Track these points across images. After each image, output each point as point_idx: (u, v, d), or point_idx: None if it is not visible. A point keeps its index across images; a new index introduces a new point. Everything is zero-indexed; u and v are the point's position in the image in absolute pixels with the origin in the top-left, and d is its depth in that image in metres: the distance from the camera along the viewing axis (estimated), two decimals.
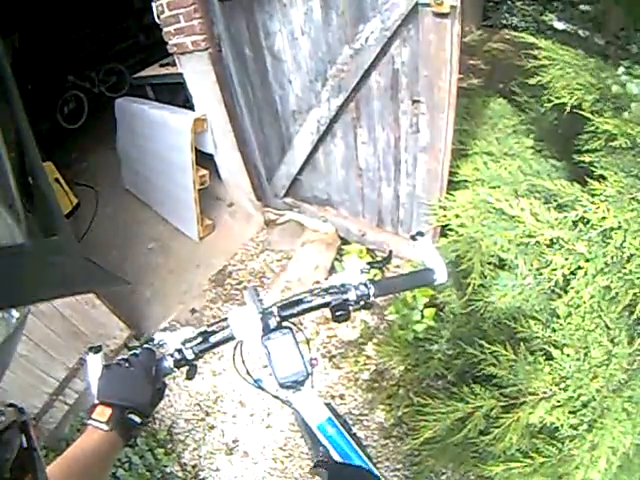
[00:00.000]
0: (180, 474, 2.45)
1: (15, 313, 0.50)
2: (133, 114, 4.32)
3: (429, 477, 2.08)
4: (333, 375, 2.63)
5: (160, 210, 4.35)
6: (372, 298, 1.07)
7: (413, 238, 1.16)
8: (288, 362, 1.07)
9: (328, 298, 1.07)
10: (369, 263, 1.12)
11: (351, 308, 1.06)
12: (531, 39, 1.89)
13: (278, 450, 2.42)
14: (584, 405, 1.39)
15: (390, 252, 1.25)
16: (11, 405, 0.58)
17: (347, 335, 2.82)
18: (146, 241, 4.10)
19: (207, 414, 2.67)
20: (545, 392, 1.44)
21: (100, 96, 7.34)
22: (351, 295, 1.06)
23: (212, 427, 2.60)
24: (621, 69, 1.74)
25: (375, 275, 1.11)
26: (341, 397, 2.52)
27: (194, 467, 2.46)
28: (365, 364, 2.63)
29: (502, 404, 1.54)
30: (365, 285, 1.07)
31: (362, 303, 1.07)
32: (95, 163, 5.88)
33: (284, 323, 1.09)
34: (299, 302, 1.09)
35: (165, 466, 2.46)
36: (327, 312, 2.38)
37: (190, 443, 2.56)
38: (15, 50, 6.44)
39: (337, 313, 1.05)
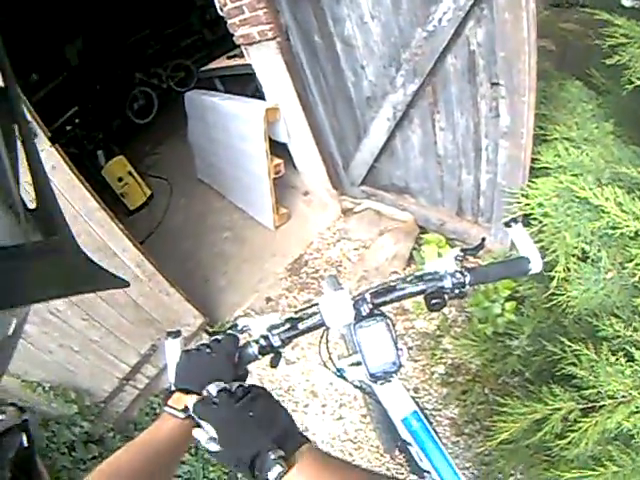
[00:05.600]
0: None
1: (12, 315, 0.50)
2: (204, 106, 4.42)
3: (498, 479, 2.00)
4: (408, 367, 2.57)
5: (235, 200, 4.41)
6: (467, 286, 1.01)
7: (507, 225, 1.10)
8: (381, 352, 1.03)
9: (422, 286, 1.02)
10: (463, 250, 1.07)
11: (446, 296, 1.01)
12: (606, 16, 1.77)
13: (348, 442, 2.40)
14: None
15: (483, 239, 1.19)
16: (12, 404, 0.58)
17: (424, 327, 2.76)
18: (220, 230, 4.16)
19: None
20: (624, 396, 1.34)
21: (169, 91, 7.66)
22: (447, 283, 1.00)
23: None
24: None
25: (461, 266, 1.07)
26: (415, 391, 2.46)
27: None
28: (441, 357, 2.56)
29: (581, 407, 1.46)
30: (461, 273, 1.01)
31: (457, 291, 1.01)
32: (167, 155, 6.09)
33: (376, 311, 1.05)
34: (392, 289, 1.05)
35: None
36: (405, 302, 2.30)
37: None
38: (80, 53, 6.76)
39: (432, 302, 1.00)
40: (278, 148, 3.69)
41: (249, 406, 0.73)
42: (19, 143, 0.54)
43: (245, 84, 4.33)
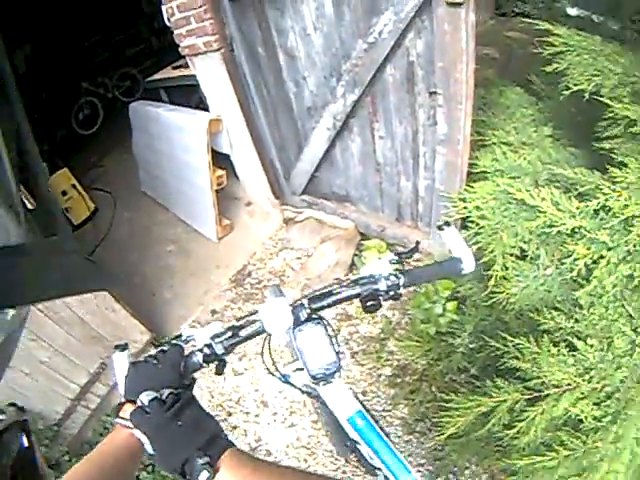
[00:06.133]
0: None
1: (13, 313, 0.50)
2: (148, 118, 4.36)
3: (453, 472, 2.06)
4: (355, 372, 2.62)
5: (178, 212, 4.38)
6: (402, 288, 1.05)
7: (440, 228, 1.15)
8: (319, 354, 1.07)
9: (358, 289, 1.05)
10: (397, 254, 1.12)
11: (381, 298, 1.05)
12: (547, 26, 1.85)
13: (301, 448, 2.41)
14: (608, 396, 1.36)
15: (417, 242, 1.24)
16: (12, 404, 0.59)
17: (369, 331, 2.80)
18: (165, 243, 4.13)
19: (229, 414, 2.67)
20: (569, 384, 1.41)
21: (114, 101, 7.45)
22: (381, 285, 1.04)
23: (235, 427, 2.60)
24: None
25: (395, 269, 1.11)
26: (364, 394, 2.50)
27: None
28: (387, 360, 2.62)
29: (526, 397, 1.52)
30: (395, 275, 1.05)
31: (392, 293, 1.05)
32: (112, 168, 5.96)
33: (314, 315, 1.08)
34: (329, 294, 1.07)
35: None
36: (349, 308, 2.34)
37: None
38: (28, 60, 6.53)
39: (368, 304, 1.04)
40: (221, 159, 3.70)
41: (178, 414, 0.77)
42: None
43: (190, 95, 4.31)
